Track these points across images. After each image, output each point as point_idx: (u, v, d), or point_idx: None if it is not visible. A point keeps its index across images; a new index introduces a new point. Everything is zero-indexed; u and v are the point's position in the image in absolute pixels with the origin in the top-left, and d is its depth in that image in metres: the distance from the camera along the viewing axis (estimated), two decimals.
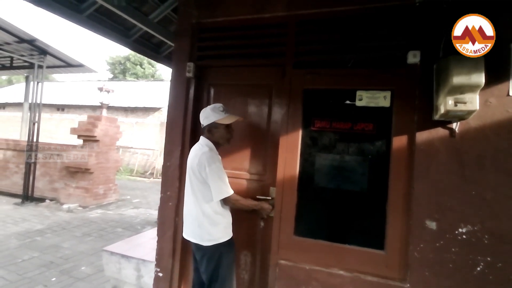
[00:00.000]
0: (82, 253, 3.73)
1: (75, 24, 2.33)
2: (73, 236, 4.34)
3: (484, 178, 1.67)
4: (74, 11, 2.27)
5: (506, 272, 1.63)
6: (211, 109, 1.89)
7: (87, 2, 2.32)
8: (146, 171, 13.08)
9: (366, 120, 1.94)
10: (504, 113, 1.65)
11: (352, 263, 1.90)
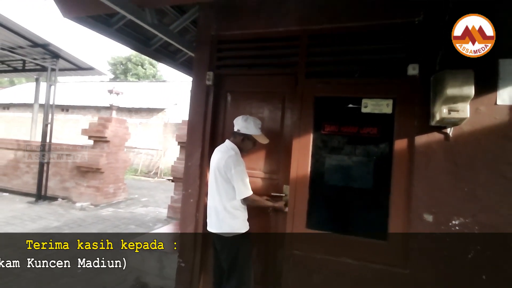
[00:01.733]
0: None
1: (105, 36, 2.55)
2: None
3: (475, 176, 1.90)
4: (105, 25, 2.50)
5: (494, 259, 1.86)
6: (254, 122, 2.09)
7: (116, 17, 2.54)
8: (150, 171, 13.30)
9: (371, 125, 2.17)
10: (493, 120, 1.89)
11: (359, 253, 2.13)
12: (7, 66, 7.64)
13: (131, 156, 13.60)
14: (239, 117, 2.17)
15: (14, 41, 5.88)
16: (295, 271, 2.24)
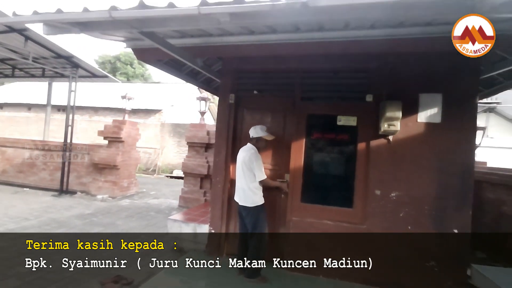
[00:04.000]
0: (135, 227, 4.94)
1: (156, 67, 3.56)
2: (119, 218, 5.50)
3: (405, 166, 3.07)
4: (159, 62, 3.51)
5: (415, 215, 3.03)
6: (260, 128, 3.16)
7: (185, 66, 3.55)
8: (148, 168, 14.10)
9: (343, 133, 3.31)
10: (415, 131, 3.06)
11: (335, 216, 3.26)
12: (24, 73, 8.34)
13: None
14: (252, 128, 3.25)
15: (40, 53, 6.66)
16: (294, 230, 3.36)
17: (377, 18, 2.07)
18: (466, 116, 2.99)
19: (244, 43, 2.81)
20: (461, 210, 2.95)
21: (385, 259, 3.05)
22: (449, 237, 2.97)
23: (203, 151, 6.93)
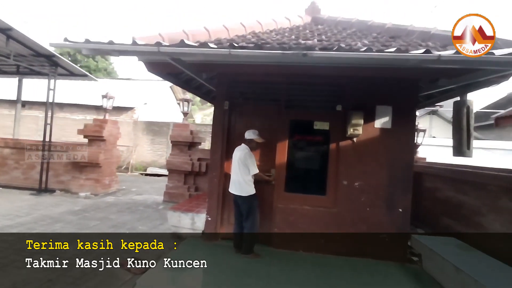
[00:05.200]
0: (130, 221, 5.33)
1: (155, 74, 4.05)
2: (111, 213, 5.82)
3: (365, 162, 3.96)
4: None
5: (372, 199, 3.93)
6: (253, 132, 3.83)
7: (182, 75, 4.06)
8: (121, 166, 13.99)
9: (319, 135, 4.12)
10: (373, 134, 3.96)
11: (312, 203, 4.07)
12: None
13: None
14: (247, 131, 3.91)
15: (20, 51, 6.61)
16: (279, 215, 4.10)
17: (349, 62, 2.82)
18: (408, 123, 3.97)
19: (242, 62, 3.42)
20: (404, 195, 3.91)
21: (352, 234, 3.92)
22: (396, 215, 3.92)
23: (186, 149, 7.41)
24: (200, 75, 3.65)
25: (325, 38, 3.93)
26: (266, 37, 4.11)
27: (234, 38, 4.10)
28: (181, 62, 3.22)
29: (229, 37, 4.20)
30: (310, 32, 4.46)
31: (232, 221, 4.09)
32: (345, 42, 3.69)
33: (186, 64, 3.08)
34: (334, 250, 3.94)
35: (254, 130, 3.90)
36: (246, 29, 4.42)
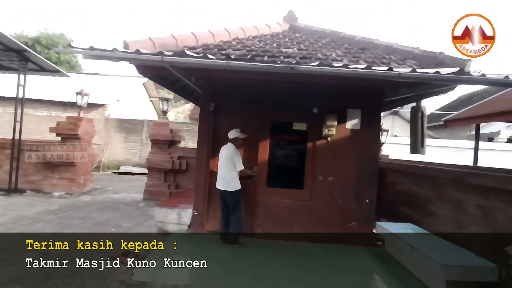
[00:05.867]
0: (112, 218, 5.38)
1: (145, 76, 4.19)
2: (91, 211, 5.80)
3: (338, 159, 4.46)
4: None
5: (344, 192, 4.45)
6: (235, 131, 4.14)
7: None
8: (92, 165, 13.52)
9: (297, 135, 4.54)
10: (345, 134, 4.47)
11: (291, 196, 4.49)
12: None
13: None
14: (230, 131, 4.21)
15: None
16: (262, 208, 4.48)
17: (328, 74, 3.23)
18: (374, 124, 4.53)
19: (229, 68, 3.70)
20: (370, 188, 4.47)
21: (325, 223, 4.40)
22: (363, 206, 4.47)
23: (166, 147, 7.52)
24: (190, 79, 3.88)
25: (304, 47, 4.35)
26: (250, 43, 4.44)
27: (220, 44, 4.38)
28: (177, 68, 3.42)
29: (215, 42, 4.47)
30: (289, 40, 4.86)
31: (217, 215, 4.39)
32: (321, 52, 4.14)
33: (180, 69, 3.31)
34: (311, 238, 4.39)
35: (236, 129, 4.20)
36: (231, 35, 4.71)
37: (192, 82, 3.97)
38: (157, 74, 3.85)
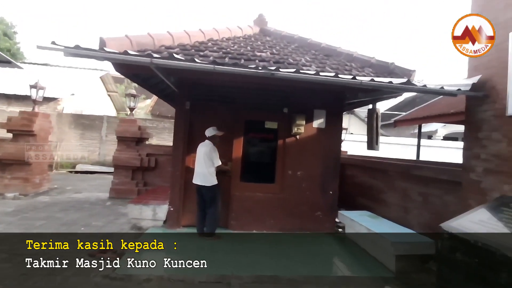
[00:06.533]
0: (80, 218, 5.21)
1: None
2: (54, 212, 5.51)
3: (306, 155, 4.91)
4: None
5: (311, 185, 4.92)
6: (213, 129, 4.33)
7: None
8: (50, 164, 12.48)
9: (269, 133, 4.89)
10: (312, 132, 4.92)
11: (264, 190, 4.83)
12: None
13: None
14: (207, 129, 4.40)
15: None
16: (236, 202, 4.75)
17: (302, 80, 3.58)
18: (336, 123, 5.05)
19: (216, 71, 3.80)
20: (334, 181, 5.00)
21: (294, 214, 4.82)
22: (328, 197, 4.98)
23: (134, 144, 7.37)
24: (169, 78, 3.98)
25: (276, 51, 4.69)
26: (225, 45, 4.65)
27: (196, 44, 4.53)
28: (160, 69, 3.49)
29: (191, 42, 4.60)
30: (261, 43, 5.17)
31: (193, 210, 4.56)
32: (292, 57, 4.52)
33: (161, 69, 3.40)
34: (281, 228, 4.78)
35: (213, 127, 4.41)
36: (205, 36, 4.87)
37: (170, 81, 4.06)
38: (134, 72, 3.87)
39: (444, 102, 5.29)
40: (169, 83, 4.10)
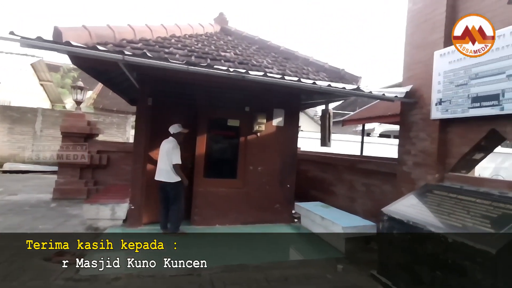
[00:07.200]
0: (23, 222, 4.69)
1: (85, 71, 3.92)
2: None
3: (266, 151, 5.22)
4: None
5: (270, 180, 5.26)
6: (178, 126, 4.34)
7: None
8: None
9: (232, 131, 5.08)
10: (271, 130, 5.25)
11: (226, 185, 5.02)
12: None
13: None
14: (171, 126, 4.42)
15: None
16: (200, 198, 4.85)
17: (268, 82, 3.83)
18: (294, 122, 5.47)
19: (190, 71, 3.76)
20: (291, 175, 5.42)
21: (255, 207, 5.12)
22: (285, 190, 5.39)
23: (82, 141, 6.86)
24: (132, 73, 3.87)
25: (239, 52, 4.88)
26: (189, 43, 4.68)
27: (159, 40, 4.47)
28: (126, 64, 3.36)
29: (153, 38, 4.52)
30: (224, 43, 5.30)
31: (155, 207, 4.54)
32: (255, 58, 4.77)
33: (127, 65, 3.30)
34: (243, 221, 5.04)
35: (178, 124, 4.43)
36: (168, 32, 4.82)
37: (133, 77, 3.97)
38: (92, 65, 3.67)
39: (383, 105, 6.11)
40: (131, 79, 3.99)
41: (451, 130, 3.54)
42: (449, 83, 3.41)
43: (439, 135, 3.57)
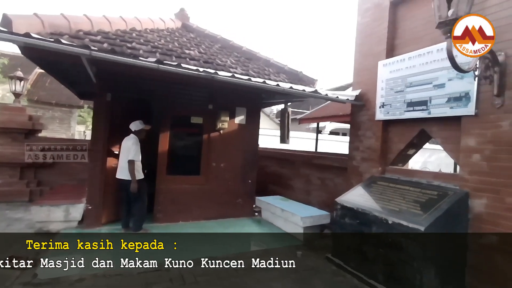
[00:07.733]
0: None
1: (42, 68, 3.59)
2: None
3: (229, 148, 5.38)
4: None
5: (233, 176, 5.44)
6: (139, 123, 4.25)
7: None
8: None
9: (195, 128, 5.12)
10: (234, 128, 5.41)
11: (190, 182, 5.07)
12: None
13: None
14: (132, 123, 4.31)
15: None
16: (163, 195, 4.82)
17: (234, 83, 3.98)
18: (255, 120, 5.72)
19: (160, 70, 3.62)
20: (252, 171, 5.67)
21: (218, 202, 5.26)
22: (247, 185, 5.62)
23: (23, 137, 6.22)
24: (92, 68, 3.68)
25: (203, 50, 4.94)
26: (151, 38, 4.59)
27: (119, 34, 4.31)
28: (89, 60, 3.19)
29: (112, 30, 4.34)
30: (187, 40, 5.29)
31: (113, 206, 4.42)
32: (219, 58, 4.88)
33: (89, 59, 3.15)
34: (207, 216, 5.15)
35: (140, 121, 4.34)
36: (127, 25, 4.66)
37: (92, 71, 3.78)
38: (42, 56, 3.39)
39: (335, 106, 6.70)
40: (90, 73, 3.80)
41: (391, 129, 4.13)
42: (389, 89, 3.98)
43: (382, 134, 4.14)
